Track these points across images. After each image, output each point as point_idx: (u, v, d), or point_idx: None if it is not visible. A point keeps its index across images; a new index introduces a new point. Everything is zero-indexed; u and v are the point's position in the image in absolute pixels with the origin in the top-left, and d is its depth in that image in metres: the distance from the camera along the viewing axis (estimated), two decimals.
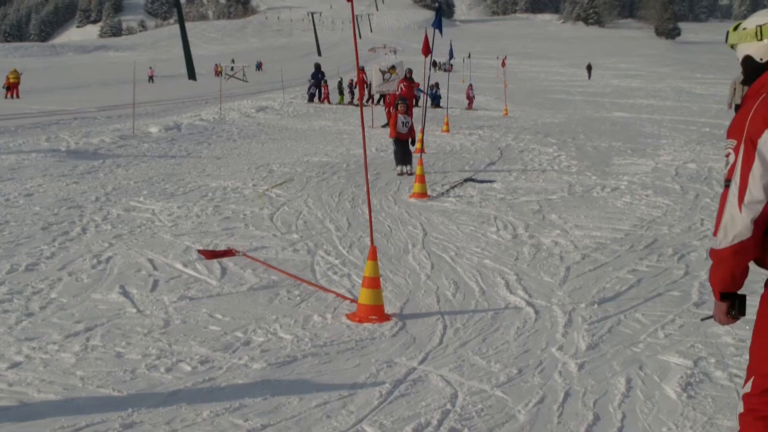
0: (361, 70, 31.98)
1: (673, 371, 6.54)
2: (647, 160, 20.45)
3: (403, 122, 17.56)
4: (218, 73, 76.32)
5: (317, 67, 45.12)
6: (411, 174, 17.11)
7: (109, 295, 8.32)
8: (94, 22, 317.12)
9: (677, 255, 10.52)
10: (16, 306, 7.85)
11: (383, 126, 28.55)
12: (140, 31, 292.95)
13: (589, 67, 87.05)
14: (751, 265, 4.17)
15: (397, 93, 30.60)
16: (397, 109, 17.90)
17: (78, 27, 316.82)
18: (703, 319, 5.48)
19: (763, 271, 4.20)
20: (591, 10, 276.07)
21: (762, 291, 4.24)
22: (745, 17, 4.58)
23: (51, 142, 21.14)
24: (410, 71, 31.34)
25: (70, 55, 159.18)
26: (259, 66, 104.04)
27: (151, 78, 73.14)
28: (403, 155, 17.88)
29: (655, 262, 10.19)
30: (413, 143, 18.01)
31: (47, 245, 10.33)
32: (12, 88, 47.27)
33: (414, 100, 33.08)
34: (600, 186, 16.14)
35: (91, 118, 29.37)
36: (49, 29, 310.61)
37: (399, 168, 17.84)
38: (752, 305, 4.33)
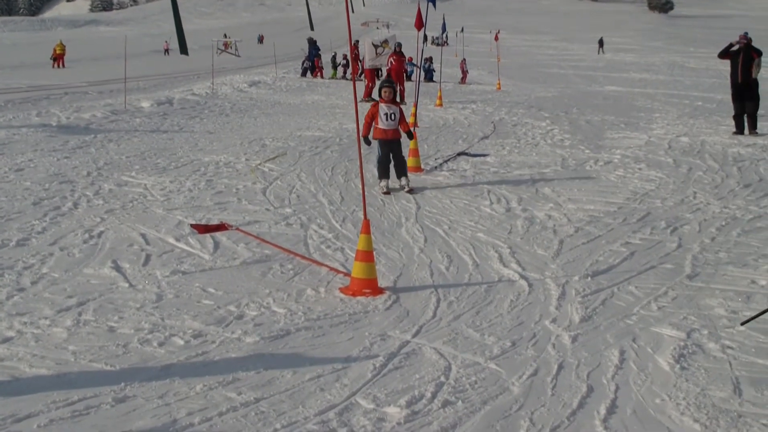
0: (354, 45, 31.94)
1: (666, 343, 6.54)
2: (640, 134, 20.44)
3: (387, 114, 12.86)
4: (228, 46, 77.67)
5: (312, 42, 44.98)
6: (408, 191, 12.87)
7: (101, 270, 8.30)
8: None
9: (670, 228, 10.52)
10: (7, 281, 7.82)
11: (364, 100, 28.38)
12: (131, 5, 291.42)
13: (600, 42, 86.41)
14: None
15: (387, 67, 30.48)
16: (380, 96, 13.09)
17: (68, 1, 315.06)
18: (743, 323, 5.45)
19: None
20: None
21: None
22: None
23: (42, 117, 21.03)
24: (399, 45, 31.23)
25: (60, 30, 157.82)
26: (260, 39, 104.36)
27: (166, 51, 77.60)
28: (388, 164, 13.16)
29: (648, 235, 10.19)
30: (410, 137, 13.90)
31: (38, 220, 10.28)
32: (58, 59, 52.89)
33: (405, 74, 32.96)
34: (593, 160, 16.13)
35: (82, 93, 29.21)
36: (38, 3, 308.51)
37: (383, 183, 12.99)
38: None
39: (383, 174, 13.03)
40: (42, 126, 19.31)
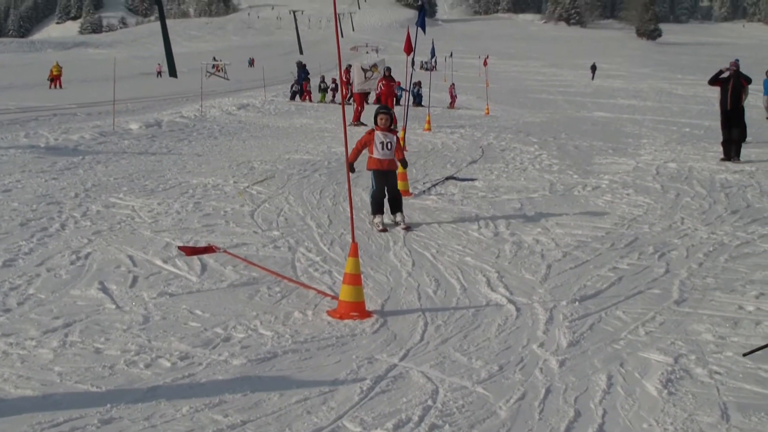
0: (346, 70, 32.07)
1: (654, 368, 6.54)
2: (628, 160, 20.48)
3: (383, 143, 11.90)
4: (219, 69, 78.32)
5: (302, 66, 45.10)
6: (405, 228, 11.87)
7: (87, 291, 8.27)
8: (74, 18, 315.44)
9: (658, 253, 10.53)
10: None
11: (353, 125, 28.47)
12: (121, 27, 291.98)
13: (593, 68, 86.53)
14: None
15: (377, 92, 30.59)
16: (375, 123, 12.11)
17: (58, 23, 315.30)
18: (745, 354, 5.43)
19: None
20: (573, 11, 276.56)
21: None
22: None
23: (30, 138, 21.00)
24: (389, 69, 31.36)
25: (50, 52, 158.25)
26: (251, 62, 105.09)
27: (159, 73, 78.38)
28: (383, 198, 12.16)
29: (636, 260, 10.21)
30: (404, 165, 12.71)
31: (25, 241, 10.25)
32: (55, 79, 54.14)
33: (394, 99, 33.06)
34: (581, 185, 16.16)
35: (70, 115, 29.19)
36: (28, 25, 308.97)
37: (378, 220, 11.97)
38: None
39: (378, 209, 12.01)
40: (30, 147, 19.27)
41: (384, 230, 11.70)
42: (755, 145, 22.89)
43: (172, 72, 73.45)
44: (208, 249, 10.14)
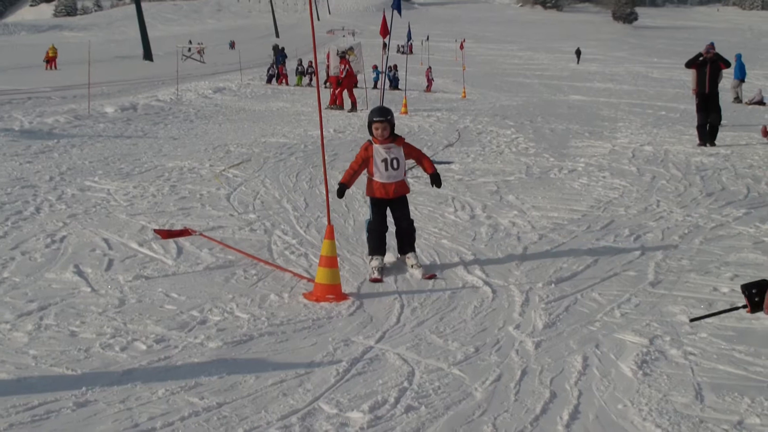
0: (344, 59, 32.05)
1: (629, 349, 6.57)
2: (604, 143, 20.55)
3: (387, 161, 8.70)
4: (199, 52, 78.42)
5: (279, 49, 45.00)
6: (428, 276, 8.57)
7: (63, 275, 8.23)
8: (48, 1, 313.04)
9: (633, 236, 10.57)
10: None
11: (329, 108, 28.47)
12: (96, 10, 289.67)
13: (578, 52, 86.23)
14: None
15: (341, 76, 30.50)
16: (371, 134, 8.83)
17: (31, 6, 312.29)
18: (692, 320, 5.46)
19: None
20: None
21: None
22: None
23: (4, 121, 20.87)
24: (351, 49, 31.31)
25: (23, 35, 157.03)
26: (232, 45, 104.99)
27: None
28: (384, 232, 8.98)
29: (612, 242, 10.24)
30: (437, 181, 9.03)
31: (0, 225, 10.19)
32: (50, 61, 57.01)
33: (355, 83, 32.97)
34: (557, 168, 16.20)
35: (45, 98, 29.02)
36: (0, 8, 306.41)
37: (375, 263, 8.74)
38: None
39: (377, 248, 8.83)
40: (4, 130, 19.14)
41: (379, 280, 8.47)
42: (730, 129, 23.03)
43: (148, 55, 72.97)
44: (184, 232, 10.11)
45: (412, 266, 8.78)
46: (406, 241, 8.97)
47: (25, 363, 5.94)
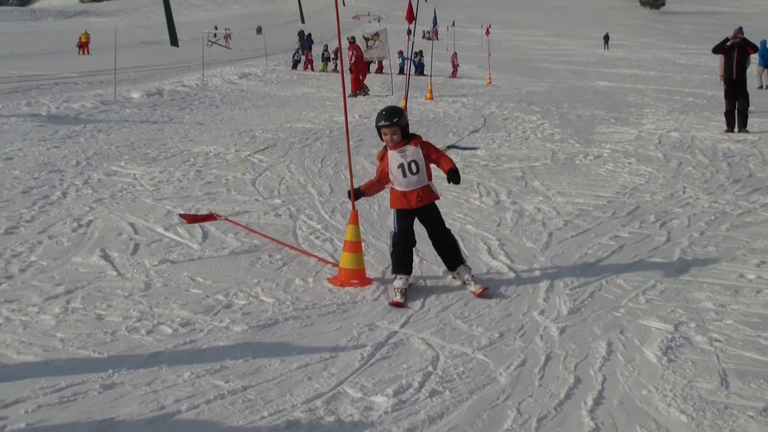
0: (352, 44, 32.01)
1: (654, 335, 6.55)
2: (630, 129, 20.45)
3: (403, 166, 7.68)
4: (226, 38, 78.72)
5: (304, 35, 45.02)
6: (481, 292, 7.52)
7: (89, 259, 8.28)
8: None
9: (659, 222, 10.53)
10: None
11: (351, 95, 28.41)
12: None
13: (606, 38, 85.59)
14: None
15: (351, 61, 30.42)
16: (381, 138, 7.77)
17: None
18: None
19: None
20: None
21: None
22: None
23: (31, 106, 20.97)
24: (353, 37, 31.29)
25: (51, 21, 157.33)
26: (259, 30, 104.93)
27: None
28: (411, 247, 7.87)
29: (637, 228, 10.21)
30: (455, 177, 7.87)
31: (27, 209, 10.26)
32: (83, 46, 57.86)
33: (368, 67, 32.85)
34: (583, 154, 16.14)
35: (71, 84, 29.14)
36: None
37: (399, 283, 7.54)
38: None
39: (402, 266, 7.64)
40: (31, 116, 19.26)
41: (401, 304, 7.24)
42: (758, 115, 22.85)
43: (174, 41, 73.15)
44: (210, 217, 10.15)
45: (466, 282, 7.65)
46: (450, 254, 7.83)
47: (53, 345, 5.99)
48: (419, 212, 7.78)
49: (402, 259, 7.64)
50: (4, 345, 5.95)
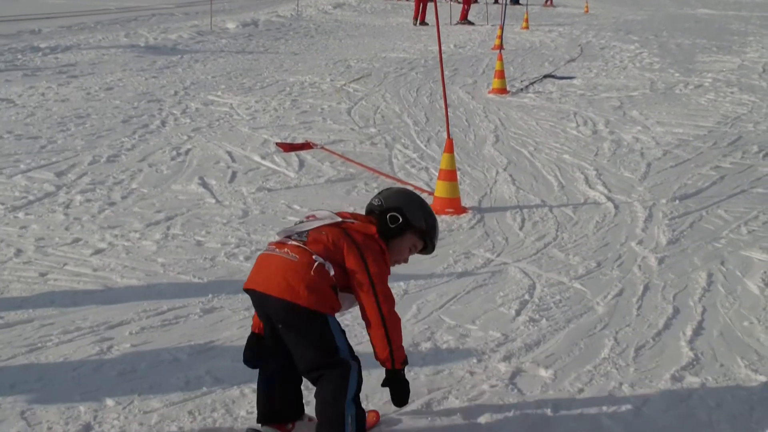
0: None
1: (756, 267, 6.44)
2: (733, 57, 19.92)
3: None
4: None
5: None
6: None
7: (188, 186, 8.40)
8: None
9: (762, 152, 10.29)
10: (99, 195, 7.96)
11: (419, 24, 27.95)
12: None
13: None
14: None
15: None
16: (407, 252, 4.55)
17: None
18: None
19: None
20: None
21: None
22: None
23: (130, 38, 21.20)
24: None
25: None
26: None
27: None
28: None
29: (739, 159, 9.99)
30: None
31: (128, 137, 10.43)
32: None
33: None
34: (683, 83, 15.79)
35: (168, 15, 29.37)
36: None
37: None
38: None
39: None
40: (130, 47, 19.47)
41: None
42: None
43: None
44: (306, 145, 10.20)
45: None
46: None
47: (154, 270, 6.12)
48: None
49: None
50: (109, 269, 6.10)
